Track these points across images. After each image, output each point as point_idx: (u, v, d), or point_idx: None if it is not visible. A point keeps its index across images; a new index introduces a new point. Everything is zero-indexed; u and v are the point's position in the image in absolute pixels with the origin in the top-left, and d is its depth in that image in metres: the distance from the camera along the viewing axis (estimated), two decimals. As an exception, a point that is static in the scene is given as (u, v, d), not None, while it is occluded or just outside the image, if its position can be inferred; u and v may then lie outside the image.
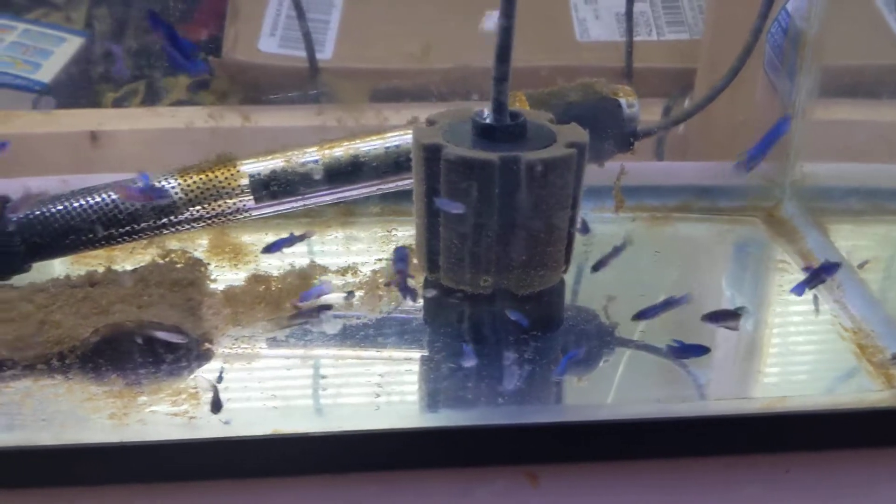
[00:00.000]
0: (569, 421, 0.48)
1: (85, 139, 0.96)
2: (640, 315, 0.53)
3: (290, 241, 0.59)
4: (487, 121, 0.51)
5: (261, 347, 0.55)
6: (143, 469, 0.46)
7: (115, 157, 0.95)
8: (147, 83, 1.12)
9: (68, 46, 1.22)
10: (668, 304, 0.53)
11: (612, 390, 0.53)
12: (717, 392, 0.53)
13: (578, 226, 0.53)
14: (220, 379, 0.51)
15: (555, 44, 1.07)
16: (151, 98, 1.11)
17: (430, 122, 0.54)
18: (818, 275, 0.54)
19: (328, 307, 0.57)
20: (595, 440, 0.48)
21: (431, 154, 0.51)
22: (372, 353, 0.55)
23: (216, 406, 0.48)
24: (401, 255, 0.54)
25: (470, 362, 0.50)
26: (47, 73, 1.14)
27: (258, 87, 1.02)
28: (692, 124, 0.88)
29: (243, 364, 0.53)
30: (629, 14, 1.02)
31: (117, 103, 1.12)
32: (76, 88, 1.18)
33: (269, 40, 1.06)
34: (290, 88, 1.02)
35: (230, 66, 1.03)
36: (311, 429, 0.46)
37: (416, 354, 0.55)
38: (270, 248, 0.58)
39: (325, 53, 1.04)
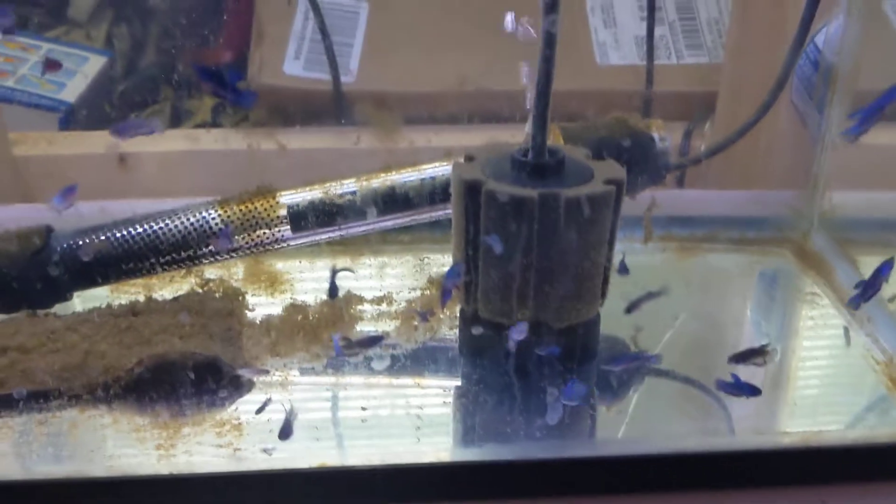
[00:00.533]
0: (606, 455, 0.48)
1: (113, 161, 0.97)
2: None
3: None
4: (527, 157, 0.52)
5: (301, 377, 0.55)
6: (190, 501, 0.47)
7: (143, 179, 0.96)
8: (171, 105, 1.14)
9: (92, 65, 1.23)
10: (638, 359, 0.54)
11: (643, 422, 0.54)
12: (750, 425, 0.54)
13: (617, 267, 0.54)
14: (261, 410, 0.51)
15: (575, 68, 1.08)
16: (175, 120, 1.12)
17: (469, 158, 0.55)
18: (875, 281, 0.53)
19: (378, 339, 0.57)
20: (632, 473, 0.48)
21: (471, 189, 0.52)
22: (409, 383, 0.56)
23: (285, 433, 0.48)
24: (455, 271, 0.54)
25: (554, 415, 0.50)
26: (72, 92, 1.16)
27: (284, 109, 1.03)
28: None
29: (284, 395, 0.54)
30: (650, 37, 1.03)
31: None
32: (101, 108, 1.19)
33: (293, 63, 1.07)
34: (315, 111, 1.03)
35: (256, 90, 1.04)
36: (356, 462, 0.47)
37: (454, 385, 0.55)
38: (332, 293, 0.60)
39: (349, 77, 1.05)
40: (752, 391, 0.52)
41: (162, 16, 1.30)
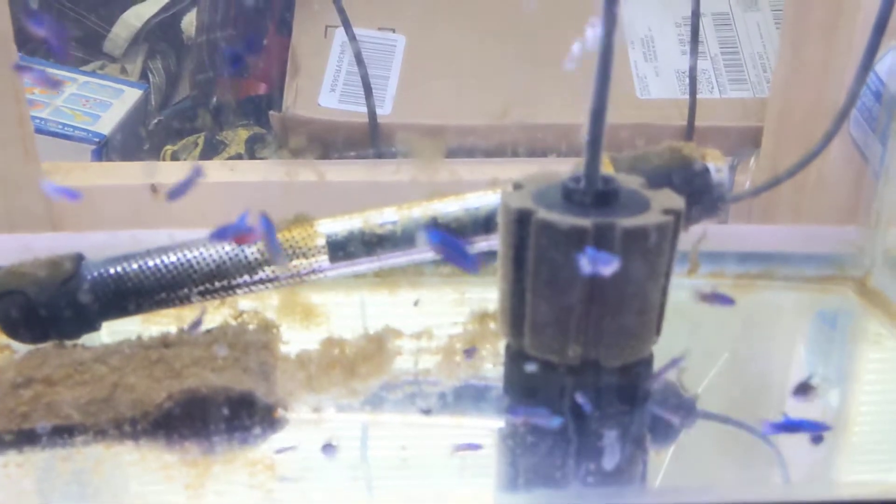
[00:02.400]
0: (673, 503, 0.45)
1: (145, 191, 0.96)
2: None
3: None
4: (580, 185, 0.50)
5: (337, 415, 0.53)
6: (220, 546, 0.44)
7: (175, 210, 0.95)
8: (205, 137, 1.13)
9: (127, 98, 1.24)
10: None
11: (697, 468, 0.50)
12: (811, 474, 0.50)
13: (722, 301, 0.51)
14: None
15: (615, 101, 1.06)
16: (210, 152, 1.12)
17: (517, 186, 0.53)
18: None
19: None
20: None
21: (521, 218, 0.49)
22: (451, 422, 0.53)
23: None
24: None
25: (611, 459, 0.47)
26: (106, 125, 1.16)
27: (320, 142, 1.02)
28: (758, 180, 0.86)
29: (319, 433, 0.51)
30: (693, 71, 1.01)
31: (175, 156, 1.12)
32: (135, 140, 1.19)
33: (329, 96, 1.06)
34: (351, 144, 1.02)
35: (291, 121, 1.03)
36: (396, 507, 0.44)
37: (497, 426, 0.52)
38: None
39: (384, 109, 1.04)
40: (818, 427, 0.48)
41: (197, 49, 1.30)
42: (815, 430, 0.49)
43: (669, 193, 0.51)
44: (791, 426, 0.50)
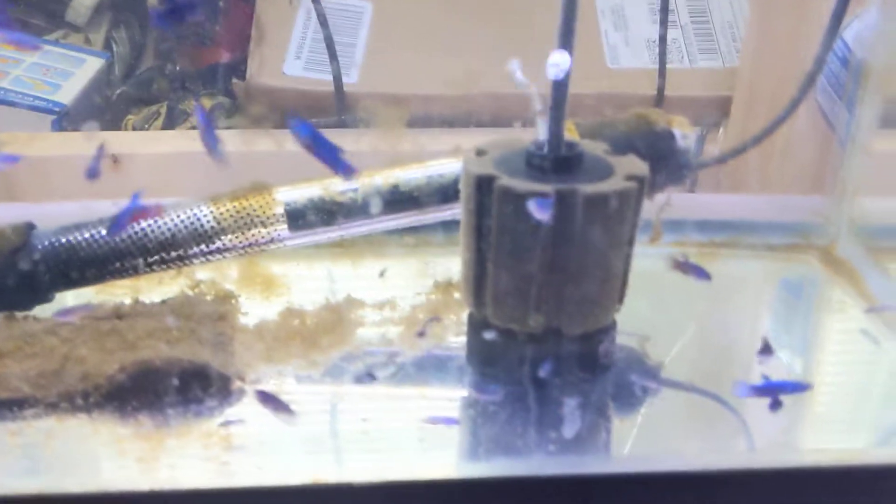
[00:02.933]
0: (631, 472, 0.44)
1: (106, 162, 0.94)
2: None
3: None
4: (543, 151, 0.49)
5: (296, 386, 0.52)
6: (173, 519, 0.43)
7: (136, 181, 0.93)
8: (168, 106, 1.11)
9: (88, 67, 1.21)
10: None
11: (661, 436, 0.50)
12: (774, 441, 0.50)
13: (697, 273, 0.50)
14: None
15: (585, 70, 1.05)
16: (172, 121, 1.09)
17: (480, 152, 0.51)
18: None
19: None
20: (658, 493, 0.44)
21: (483, 185, 0.48)
22: (413, 393, 0.52)
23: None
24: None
25: (571, 427, 0.47)
26: (67, 94, 1.13)
27: (283, 110, 0.99)
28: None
29: (277, 405, 0.50)
30: (663, 41, 1.00)
31: (138, 126, 1.10)
32: (96, 110, 1.17)
33: (294, 64, 1.04)
34: (316, 112, 1.00)
35: (255, 90, 1.01)
36: (354, 478, 0.43)
37: (461, 396, 0.52)
38: None
39: (350, 77, 1.02)
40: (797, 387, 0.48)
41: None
42: (795, 390, 0.49)
43: (633, 160, 0.50)
44: (769, 388, 0.49)
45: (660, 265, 0.63)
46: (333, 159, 0.47)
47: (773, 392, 0.49)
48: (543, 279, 0.48)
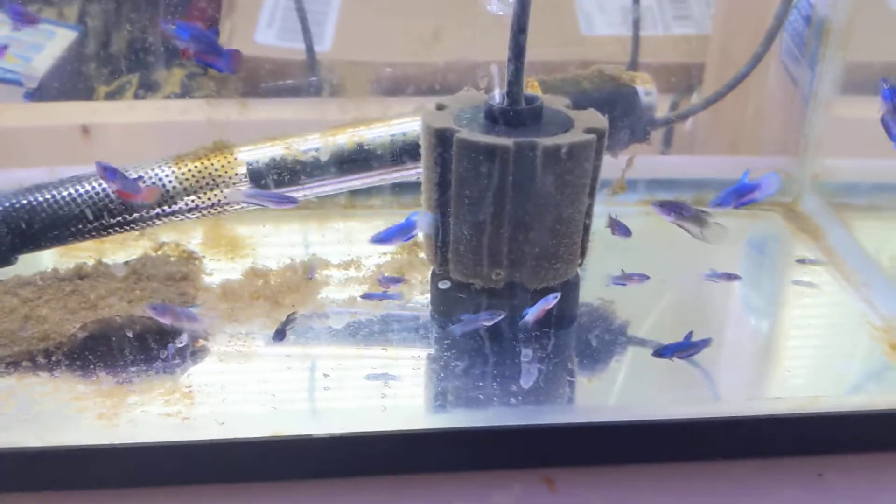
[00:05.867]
0: (587, 422, 0.45)
1: (76, 132, 0.93)
2: (661, 353, 0.50)
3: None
4: (501, 104, 0.48)
5: (259, 345, 0.52)
6: (134, 472, 0.43)
7: (106, 150, 0.93)
8: (140, 76, 1.09)
9: (60, 40, 1.19)
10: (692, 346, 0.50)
11: (625, 391, 0.50)
12: (741, 393, 0.51)
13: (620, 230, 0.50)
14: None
15: (559, 37, 1.05)
16: (144, 91, 1.08)
17: (440, 107, 0.51)
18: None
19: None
20: (616, 442, 0.45)
21: (442, 139, 0.48)
22: (377, 350, 0.52)
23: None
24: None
25: (528, 378, 0.47)
26: (39, 67, 1.12)
27: (255, 79, 0.99)
28: (700, 117, 0.85)
29: (240, 363, 0.50)
30: (636, 3, 0.99)
31: (110, 97, 1.09)
32: (68, 82, 1.15)
33: (266, 32, 1.03)
34: (288, 80, 0.99)
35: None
36: (313, 431, 0.43)
37: (424, 352, 0.52)
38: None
39: (323, 45, 1.02)
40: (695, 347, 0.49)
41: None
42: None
43: (593, 113, 0.50)
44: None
45: (627, 223, 0.63)
46: (215, 52, 0.46)
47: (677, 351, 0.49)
48: (503, 233, 0.48)
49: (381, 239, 0.51)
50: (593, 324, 0.54)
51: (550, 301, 0.47)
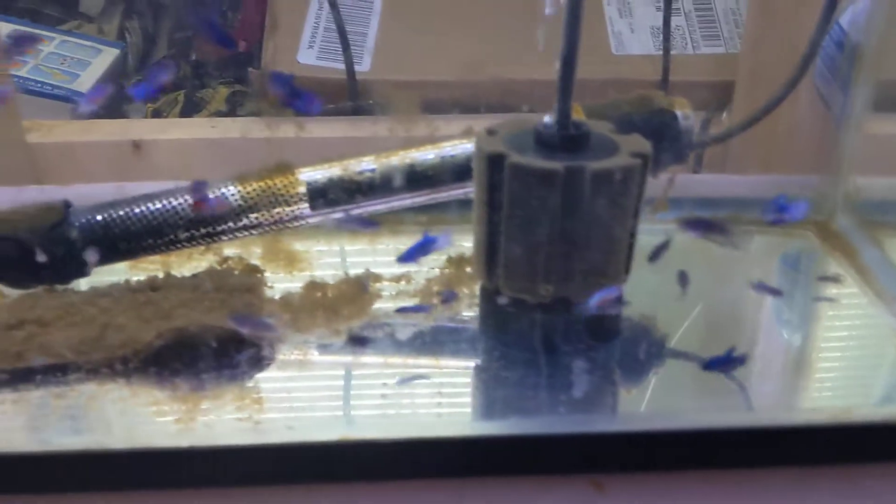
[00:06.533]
0: (637, 430, 0.47)
1: (127, 148, 0.97)
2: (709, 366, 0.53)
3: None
4: (551, 130, 0.51)
5: (320, 354, 0.55)
6: (209, 473, 0.46)
7: (157, 166, 0.96)
8: (186, 94, 1.14)
9: (104, 58, 1.24)
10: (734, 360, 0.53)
11: (664, 401, 0.53)
12: (776, 403, 0.53)
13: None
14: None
15: (591, 57, 1.08)
16: (190, 109, 1.12)
17: (491, 132, 0.54)
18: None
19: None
20: (663, 449, 0.48)
21: (494, 163, 0.51)
22: (430, 361, 0.55)
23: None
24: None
25: (580, 387, 0.50)
26: (85, 83, 1.16)
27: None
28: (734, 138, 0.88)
29: (303, 370, 0.53)
30: (667, 27, 1.02)
31: (156, 114, 1.13)
32: (114, 99, 1.19)
33: (307, 52, 1.06)
34: (329, 100, 1.02)
35: (269, 78, 1.04)
36: (378, 435, 0.46)
37: (474, 363, 0.55)
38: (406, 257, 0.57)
39: (363, 65, 1.05)
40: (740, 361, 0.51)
41: (174, 8, 1.30)
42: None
43: (637, 138, 0.53)
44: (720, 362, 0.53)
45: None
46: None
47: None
48: (553, 252, 0.51)
49: (407, 259, 0.56)
50: (635, 337, 0.57)
51: (613, 292, 0.50)
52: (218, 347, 0.52)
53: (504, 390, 0.52)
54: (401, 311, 0.59)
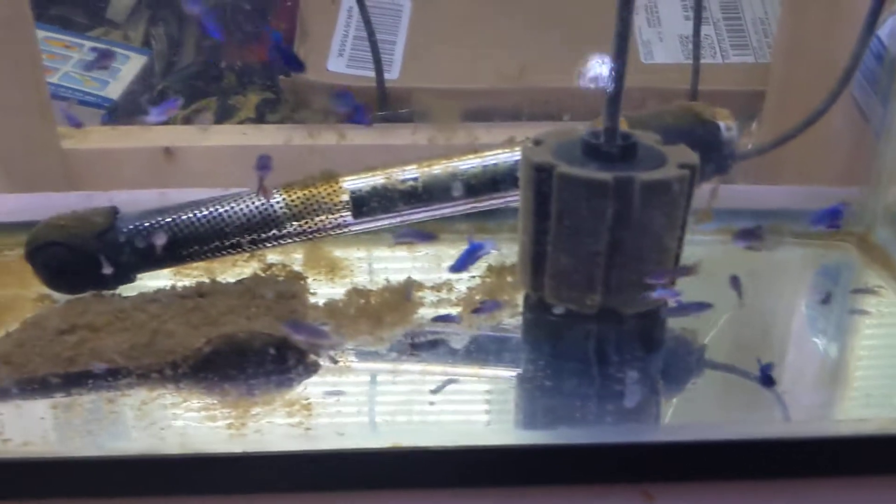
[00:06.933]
0: (687, 440, 0.48)
1: (159, 154, 0.98)
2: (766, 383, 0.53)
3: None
4: (599, 140, 0.52)
5: (365, 361, 0.55)
6: (263, 479, 0.47)
7: (188, 173, 0.97)
8: (217, 101, 1.14)
9: (133, 64, 1.25)
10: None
11: (715, 411, 0.53)
12: (820, 414, 0.53)
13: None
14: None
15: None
16: (221, 115, 1.13)
17: (537, 142, 0.55)
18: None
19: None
20: (712, 460, 0.48)
21: (542, 173, 0.51)
22: (476, 369, 0.55)
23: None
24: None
25: (632, 398, 0.50)
26: (115, 89, 1.17)
27: (328, 106, 1.03)
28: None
29: (350, 377, 0.54)
30: (697, 36, 1.02)
31: (187, 120, 1.14)
32: (142, 105, 1.20)
33: (337, 60, 1.07)
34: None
35: (300, 86, 1.05)
36: (429, 443, 0.47)
37: (520, 372, 0.55)
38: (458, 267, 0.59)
39: (392, 73, 1.06)
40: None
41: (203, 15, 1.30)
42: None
43: (685, 149, 0.53)
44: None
45: (705, 251, 0.66)
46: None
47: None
48: (600, 262, 0.51)
49: (458, 268, 0.57)
50: (678, 348, 0.57)
51: (684, 270, 0.50)
52: (266, 353, 0.53)
53: (551, 399, 0.52)
54: (436, 320, 0.59)
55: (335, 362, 0.54)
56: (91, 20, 1.38)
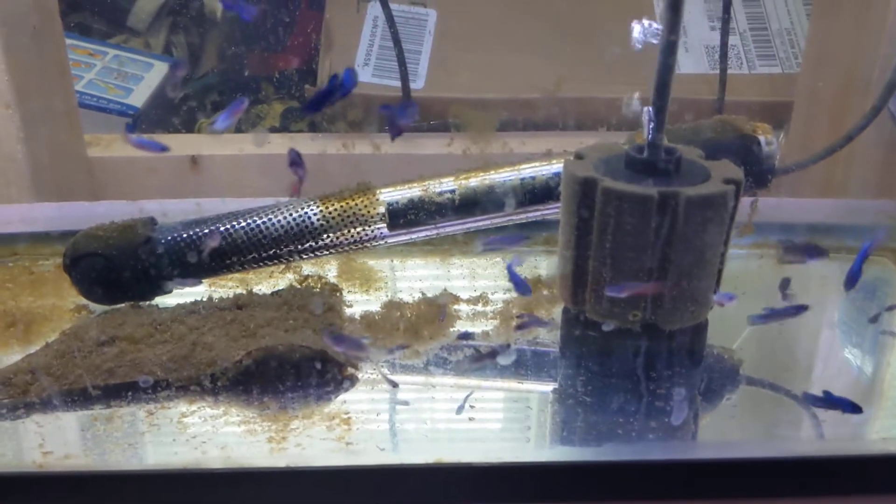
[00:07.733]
0: (727, 458, 0.47)
1: (185, 163, 0.98)
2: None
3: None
4: (643, 155, 0.51)
5: (404, 374, 0.55)
6: (305, 494, 0.46)
7: (214, 181, 0.97)
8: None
9: (156, 72, 1.25)
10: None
11: (756, 429, 0.53)
12: (856, 433, 0.53)
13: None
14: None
15: (645, 76, 1.08)
16: (245, 125, 1.13)
17: (579, 156, 0.54)
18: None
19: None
20: (753, 478, 0.47)
21: (585, 187, 0.51)
22: (513, 384, 0.55)
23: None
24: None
25: (679, 414, 0.50)
26: (139, 97, 1.17)
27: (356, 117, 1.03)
28: (791, 159, 0.88)
29: (389, 391, 0.53)
30: (724, 47, 1.02)
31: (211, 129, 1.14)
32: (166, 113, 1.21)
33: (362, 70, 1.07)
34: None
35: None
36: (470, 459, 0.46)
37: (557, 386, 0.55)
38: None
39: (417, 83, 1.06)
40: (850, 407, 0.51)
41: (226, 23, 1.31)
42: (848, 410, 0.51)
43: (728, 164, 0.53)
44: (828, 402, 0.52)
45: (741, 265, 0.66)
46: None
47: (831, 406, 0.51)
48: (643, 276, 0.51)
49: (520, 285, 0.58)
50: (717, 364, 0.56)
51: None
52: (305, 366, 0.52)
53: (594, 415, 0.51)
54: (462, 337, 0.58)
55: (374, 376, 0.54)
56: (111, 28, 1.38)
